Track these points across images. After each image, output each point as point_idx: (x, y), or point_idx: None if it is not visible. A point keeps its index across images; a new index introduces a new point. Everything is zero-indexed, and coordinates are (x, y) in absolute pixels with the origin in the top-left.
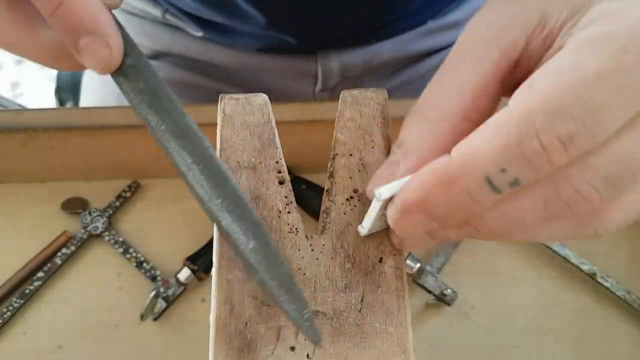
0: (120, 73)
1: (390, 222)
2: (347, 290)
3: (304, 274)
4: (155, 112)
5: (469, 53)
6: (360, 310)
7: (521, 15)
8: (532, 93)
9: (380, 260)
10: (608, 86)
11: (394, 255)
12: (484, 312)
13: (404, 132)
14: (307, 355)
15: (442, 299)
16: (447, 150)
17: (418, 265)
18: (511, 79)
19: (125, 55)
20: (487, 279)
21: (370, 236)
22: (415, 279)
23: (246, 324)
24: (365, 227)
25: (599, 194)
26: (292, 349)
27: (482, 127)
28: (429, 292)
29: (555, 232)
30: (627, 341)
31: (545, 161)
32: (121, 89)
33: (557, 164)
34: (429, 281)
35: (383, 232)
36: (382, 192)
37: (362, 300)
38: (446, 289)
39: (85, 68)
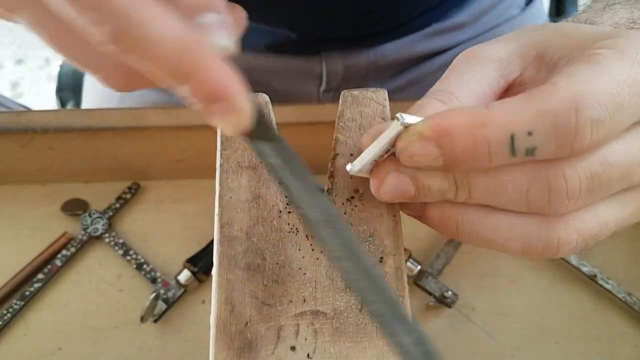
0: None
1: (402, 144)
2: (348, 289)
3: (304, 273)
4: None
5: (473, 70)
6: (360, 310)
7: (518, 51)
8: (573, 78)
9: (381, 260)
10: (631, 91)
11: (394, 255)
12: (485, 314)
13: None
14: (308, 355)
15: (443, 301)
16: None
17: (419, 267)
18: (505, 95)
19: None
20: (487, 281)
21: (370, 236)
22: (416, 281)
23: (246, 323)
24: (356, 165)
25: (579, 190)
26: (293, 348)
27: (522, 94)
28: (430, 294)
29: (518, 230)
30: (627, 343)
31: (571, 137)
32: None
33: (577, 146)
34: (429, 283)
35: (384, 232)
36: (405, 117)
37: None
38: (447, 291)
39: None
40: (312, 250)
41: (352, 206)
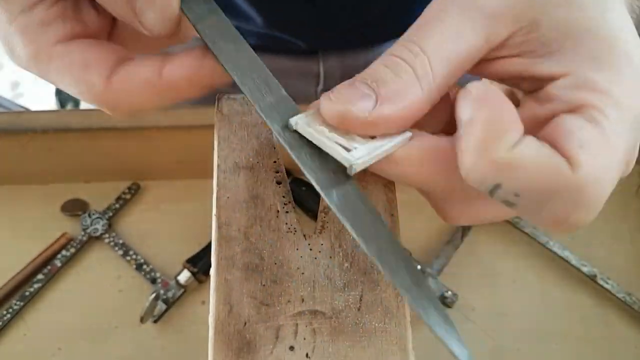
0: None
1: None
2: (346, 289)
3: (303, 273)
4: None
5: (456, 24)
6: (359, 309)
7: (514, 6)
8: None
9: None
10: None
11: None
12: (484, 314)
13: (381, 72)
14: (307, 355)
15: (443, 301)
16: (424, 110)
17: (418, 267)
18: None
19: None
20: (487, 281)
21: None
22: None
23: (245, 323)
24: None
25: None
26: (292, 348)
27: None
28: None
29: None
30: (627, 343)
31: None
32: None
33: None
34: (429, 283)
35: None
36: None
37: (360, 299)
38: (446, 291)
39: None
40: (310, 249)
41: None
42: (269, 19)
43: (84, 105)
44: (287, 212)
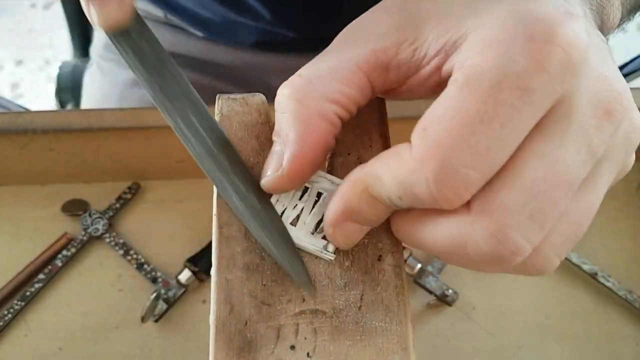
0: (124, 34)
1: (328, 237)
2: (347, 288)
3: None
4: (158, 76)
5: (345, 45)
6: (359, 308)
7: (397, 26)
8: (425, 140)
9: (380, 258)
10: (491, 126)
11: (393, 253)
12: (485, 313)
13: (277, 119)
14: (308, 354)
15: (443, 300)
16: (323, 130)
17: (419, 265)
18: (383, 83)
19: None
20: (488, 279)
21: (369, 234)
22: (416, 280)
23: (246, 323)
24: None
25: (528, 237)
26: (292, 347)
27: (390, 152)
28: (430, 292)
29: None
30: (628, 341)
31: (440, 205)
32: (122, 51)
33: (455, 205)
34: (430, 282)
35: (382, 229)
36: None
37: (361, 298)
38: (447, 290)
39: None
40: None
41: None
42: (275, 12)
43: (84, 105)
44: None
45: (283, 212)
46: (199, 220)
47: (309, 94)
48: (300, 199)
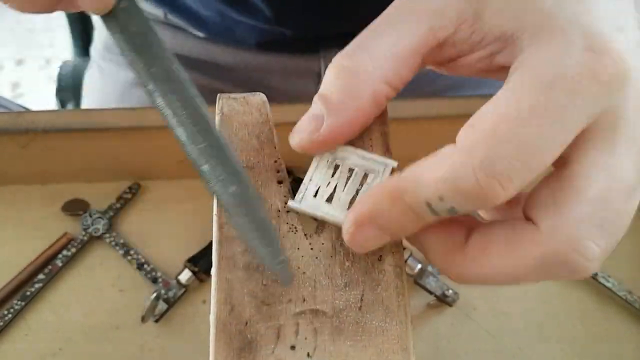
0: (112, 15)
1: (345, 237)
2: (347, 288)
3: (304, 272)
4: (144, 56)
5: (402, 21)
6: (360, 309)
7: (456, 4)
8: (474, 132)
9: (380, 258)
10: (540, 122)
11: (393, 253)
12: (486, 313)
13: (328, 83)
14: (308, 354)
15: (444, 300)
16: (372, 110)
17: (419, 266)
18: (435, 57)
19: None
20: None
21: None
22: (417, 280)
23: (246, 323)
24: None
25: (597, 247)
26: (293, 348)
27: (431, 155)
28: (431, 293)
29: None
30: (628, 342)
31: (484, 198)
32: (111, 33)
33: (498, 200)
34: (430, 282)
35: None
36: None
37: (361, 299)
38: (448, 290)
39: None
40: (311, 249)
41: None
42: (277, 11)
43: (84, 105)
44: (287, 211)
45: (317, 190)
46: (200, 220)
47: (369, 72)
48: (332, 176)
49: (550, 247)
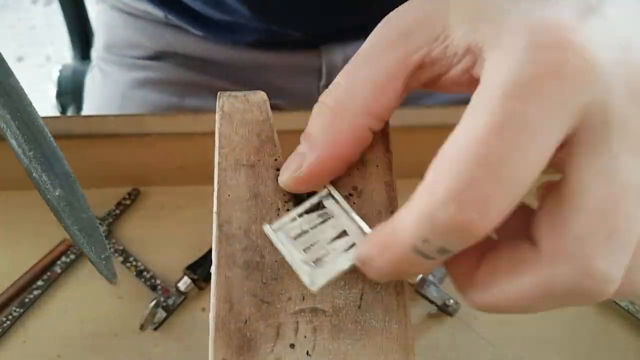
0: None
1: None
2: (346, 287)
3: None
4: None
5: (376, 51)
6: (359, 307)
7: (426, 22)
8: (441, 162)
9: None
10: (504, 137)
11: None
12: (487, 323)
13: (310, 122)
14: (307, 353)
15: (445, 310)
16: (351, 143)
17: (420, 275)
18: (419, 79)
19: None
20: None
21: None
22: (418, 289)
23: (245, 321)
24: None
25: (614, 267)
26: (292, 346)
27: (410, 198)
28: (431, 302)
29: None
30: (630, 352)
31: (466, 229)
32: None
33: (482, 229)
34: (431, 291)
35: None
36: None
37: (361, 297)
38: (448, 300)
39: None
40: None
41: (351, 203)
42: (255, 9)
43: (85, 109)
44: (287, 210)
45: (297, 234)
46: (199, 226)
47: (347, 106)
48: (314, 227)
49: (552, 271)
